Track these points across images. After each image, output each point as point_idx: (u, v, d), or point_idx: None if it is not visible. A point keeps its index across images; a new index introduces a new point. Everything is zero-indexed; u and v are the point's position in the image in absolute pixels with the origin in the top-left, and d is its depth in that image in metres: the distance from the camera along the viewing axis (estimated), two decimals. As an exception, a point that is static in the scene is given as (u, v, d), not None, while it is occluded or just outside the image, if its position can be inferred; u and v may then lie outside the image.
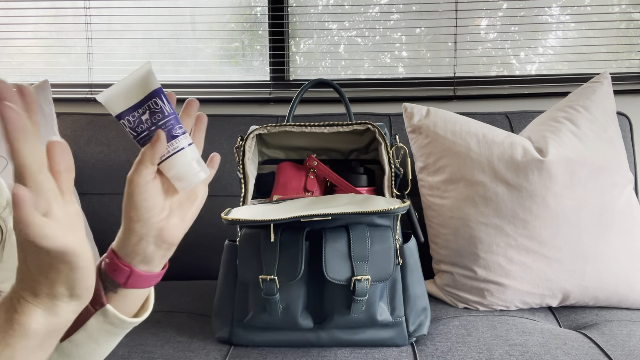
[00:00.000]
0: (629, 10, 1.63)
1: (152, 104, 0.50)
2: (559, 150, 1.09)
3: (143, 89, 0.50)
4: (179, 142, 0.50)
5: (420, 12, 1.67)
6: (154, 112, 0.50)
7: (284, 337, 0.92)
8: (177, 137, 0.50)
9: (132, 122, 0.50)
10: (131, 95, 0.50)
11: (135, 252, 0.53)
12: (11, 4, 1.74)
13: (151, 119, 0.50)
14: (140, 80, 0.50)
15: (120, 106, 0.50)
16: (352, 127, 0.99)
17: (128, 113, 0.50)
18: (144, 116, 0.50)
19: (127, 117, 0.50)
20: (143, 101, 0.50)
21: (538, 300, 1.09)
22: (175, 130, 0.50)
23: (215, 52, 1.75)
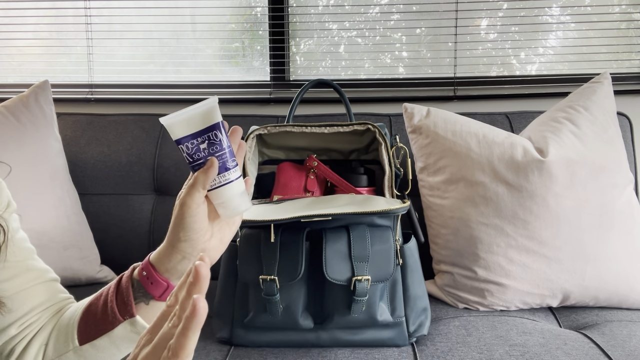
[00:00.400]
0: (629, 10, 1.63)
1: (212, 135, 0.53)
2: (559, 150, 1.09)
3: (206, 119, 0.53)
4: (230, 175, 0.54)
5: (420, 12, 1.67)
6: (213, 143, 0.53)
7: (284, 337, 0.92)
8: (229, 170, 0.54)
9: (190, 148, 0.53)
10: (194, 123, 0.53)
11: (175, 269, 0.57)
12: (11, 4, 1.74)
13: (209, 149, 0.53)
14: (204, 111, 0.53)
15: (182, 132, 0.53)
16: (352, 127, 0.99)
17: (188, 139, 0.53)
18: (202, 145, 0.53)
19: (186, 142, 0.53)
20: (204, 131, 0.53)
21: (538, 300, 1.09)
22: (229, 163, 0.54)
23: (215, 52, 1.75)
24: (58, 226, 1.23)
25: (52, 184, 1.26)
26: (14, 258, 0.63)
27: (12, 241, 0.63)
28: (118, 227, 1.37)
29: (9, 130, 1.25)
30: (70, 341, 0.60)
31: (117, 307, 0.58)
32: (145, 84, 1.73)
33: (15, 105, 1.30)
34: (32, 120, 1.29)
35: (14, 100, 1.31)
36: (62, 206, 1.26)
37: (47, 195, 1.24)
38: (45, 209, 1.23)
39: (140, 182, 1.40)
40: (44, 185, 1.24)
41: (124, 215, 1.38)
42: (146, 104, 1.68)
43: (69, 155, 1.38)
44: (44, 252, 1.19)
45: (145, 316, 0.58)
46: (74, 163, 1.39)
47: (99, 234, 1.35)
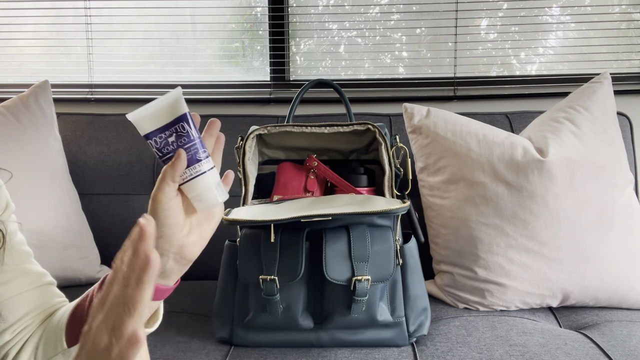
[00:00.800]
0: (629, 10, 1.63)
1: (179, 127, 0.52)
2: (559, 150, 1.09)
3: (172, 111, 0.52)
4: (201, 166, 0.52)
5: (420, 12, 1.67)
6: (180, 135, 0.52)
7: (284, 337, 0.92)
8: (200, 161, 0.52)
9: (158, 142, 0.52)
10: (160, 117, 0.52)
11: None
12: (11, 4, 1.74)
13: (177, 141, 0.52)
14: (169, 103, 0.52)
15: (149, 126, 0.52)
16: (352, 127, 0.99)
17: (155, 134, 0.52)
18: (170, 138, 0.52)
19: (154, 137, 0.52)
20: (171, 124, 0.52)
21: (538, 300, 1.09)
22: (199, 154, 0.52)
23: (215, 52, 1.75)
24: (58, 226, 1.23)
25: (52, 184, 1.26)
26: (11, 261, 0.62)
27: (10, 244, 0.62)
28: (118, 227, 1.37)
29: (9, 130, 1.25)
30: (59, 344, 0.60)
31: None
32: (145, 84, 1.73)
33: (15, 105, 1.30)
34: (32, 120, 1.29)
35: (14, 100, 1.31)
36: (62, 206, 1.26)
37: (47, 195, 1.24)
38: (45, 209, 1.23)
39: (140, 182, 1.40)
40: (44, 185, 1.24)
41: (124, 215, 1.38)
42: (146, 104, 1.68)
43: (69, 155, 1.38)
44: (44, 252, 1.20)
45: None
46: (74, 163, 1.39)
47: (99, 234, 1.35)
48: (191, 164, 0.52)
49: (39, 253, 1.18)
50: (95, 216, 1.37)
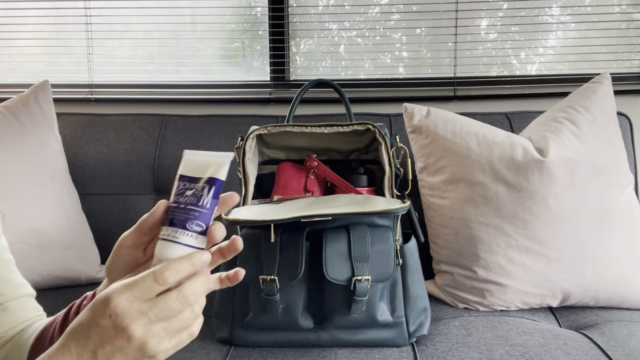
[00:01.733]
0: (629, 10, 1.63)
1: (200, 187, 0.48)
2: (559, 150, 1.09)
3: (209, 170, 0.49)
4: (183, 236, 0.47)
5: (420, 12, 1.67)
6: (195, 195, 0.48)
7: (284, 337, 0.92)
8: (187, 231, 0.47)
9: (179, 188, 0.49)
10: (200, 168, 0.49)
11: None
12: (11, 4, 1.74)
13: (189, 198, 0.48)
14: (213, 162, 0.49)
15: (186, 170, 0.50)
16: (352, 127, 0.99)
17: (184, 179, 0.49)
18: (188, 191, 0.49)
19: (182, 181, 0.49)
20: (198, 179, 0.49)
21: (538, 300, 1.09)
22: (191, 224, 0.47)
23: (215, 52, 1.75)
24: (58, 226, 1.23)
25: (52, 184, 1.26)
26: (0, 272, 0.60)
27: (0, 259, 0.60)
28: (118, 227, 1.37)
29: (9, 130, 1.25)
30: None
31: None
32: (145, 84, 1.73)
33: (15, 105, 1.30)
34: (32, 120, 1.29)
35: (14, 100, 1.31)
36: (62, 206, 1.26)
37: (47, 195, 1.24)
38: (45, 209, 1.23)
39: (140, 182, 1.40)
40: (44, 185, 1.24)
41: (124, 215, 1.38)
42: (146, 104, 1.68)
43: (69, 155, 1.38)
44: (44, 252, 1.20)
45: None
46: (74, 163, 1.39)
47: (99, 234, 1.35)
48: (179, 227, 0.47)
49: (38, 253, 1.19)
50: (95, 216, 1.37)
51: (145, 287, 0.40)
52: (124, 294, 0.40)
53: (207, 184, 0.48)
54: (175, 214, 0.47)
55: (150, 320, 0.40)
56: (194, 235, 0.47)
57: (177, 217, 0.47)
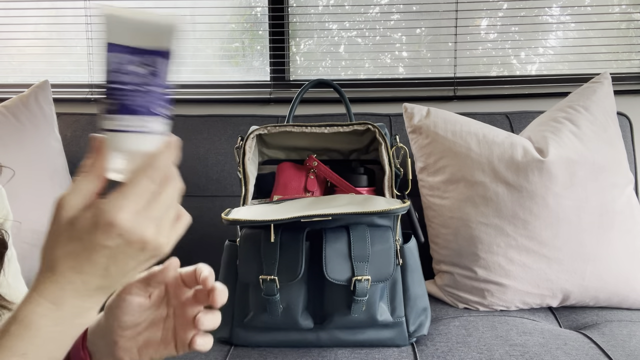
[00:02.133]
0: (629, 10, 1.63)
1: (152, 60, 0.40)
2: (559, 150, 1.09)
3: (157, 37, 0.40)
4: (155, 124, 0.40)
5: (420, 12, 1.67)
6: (153, 74, 0.40)
7: (284, 337, 0.92)
8: (156, 116, 0.40)
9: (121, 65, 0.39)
10: (142, 34, 0.39)
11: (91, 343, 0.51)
12: (11, 4, 1.74)
13: (143, 79, 0.39)
14: (161, 26, 0.40)
15: (121, 37, 0.39)
16: (352, 127, 0.99)
17: (125, 51, 0.39)
18: (139, 69, 0.39)
19: (118, 52, 0.39)
20: (149, 51, 0.40)
21: (538, 300, 1.09)
22: (159, 108, 0.40)
23: (215, 52, 1.75)
24: (58, 226, 1.23)
25: (52, 184, 1.26)
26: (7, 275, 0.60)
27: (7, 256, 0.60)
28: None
29: (9, 130, 1.25)
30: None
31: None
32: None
33: (15, 105, 1.30)
34: (32, 120, 1.29)
35: (14, 100, 1.31)
36: (62, 206, 1.26)
37: (47, 195, 1.24)
38: (45, 209, 1.23)
39: (140, 182, 1.40)
40: (44, 185, 1.24)
41: (124, 215, 1.38)
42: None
43: (69, 155, 1.38)
44: (44, 252, 1.20)
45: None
46: (74, 163, 1.39)
47: (99, 234, 1.35)
48: (138, 113, 0.39)
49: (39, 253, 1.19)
50: (95, 216, 1.37)
51: (144, 193, 0.39)
52: (124, 209, 0.38)
53: (161, 56, 0.40)
54: (135, 99, 0.39)
55: (158, 220, 0.40)
56: (164, 120, 0.41)
57: (141, 103, 0.39)
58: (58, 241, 0.39)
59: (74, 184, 0.40)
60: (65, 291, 0.39)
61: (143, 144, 0.40)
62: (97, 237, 0.38)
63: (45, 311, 0.39)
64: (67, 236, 0.39)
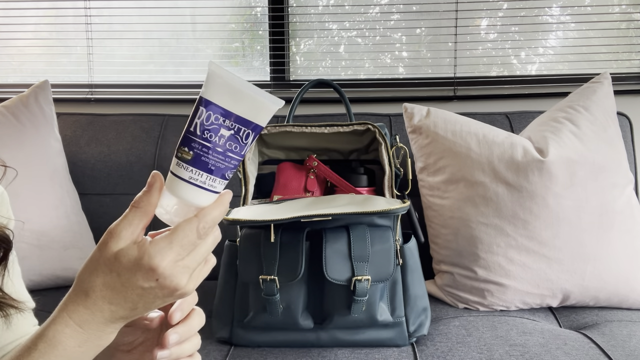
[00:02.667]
0: (629, 10, 1.63)
1: (244, 132, 0.41)
2: (559, 150, 1.09)
3: (255, 111, 0.41)
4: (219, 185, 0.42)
5: (420, 12, 1.67)
6: (237, 140, 0.41)
7: (284, 337, 0.92)
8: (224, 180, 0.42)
9: (210, 122, 0.40)
10: (241, 103, 0.40)
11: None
12: (11, 4, 1.74)
13: (226, 142, 0.40)
14: (262, 102, 0.41)
15: (220, 97, 0.40)
16: (352, 127, 0.99)
17: (217, 110, 0.40)
18: (226, 132, 0.40)
19: (212, 111, 0.40)
20: (242, 120, 0.41)
21: (538, 300, 1.09)
22: (230, 173, 0.42)
23: (215, 52, 1.75)
24: (58, 226, 1.23)
25: (52, 184, 1.26)
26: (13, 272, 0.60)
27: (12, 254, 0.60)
28: (118, 227, 1.37)
29: (9, 130, 1.25)
30: None
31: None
32: (145, 84, 1.73)
33: (15, 105, 1.30)
34: (32, 120, 1.29)
35: (14, 100, 1.31)
36: (62, 206, 1.26)
37: (47, 195, 1.24)
38: (45, 209, 1.23)
39: (140, 182, 1.40)
40: (44, 185, 1.24)
41: (124, 215, 1.38)
42: (146, 104, 1.68)
43: (69, 155, 1.38)
44: (44, 252, 1.20)
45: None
46: (74, 163, 1.39)
47: (99, 234, 1.35)
48: (214, 174, 0.41)
49: (38, 253, 1.19)
50: (95, 216, 1.37)
51: (189, 245, 0.41)
52: (169, 257, 0.40)
53: (253, 130, 0.41)
54: (213, 159, 0.40)
55: (192, 269, 0.42)
56: (226, 182, 0.42)
57: (217, 164, 0.41)
58: (98, 269, 0.42)
59: (126, 216, 0.42)
60: (94, 317, 0.42)
61: (202, 199, 0.42)
62: (136, 277, 0.41)
63: (73, 332, 0.42)
64: (108, 267, 0.41)
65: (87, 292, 0.42)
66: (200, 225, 0.41)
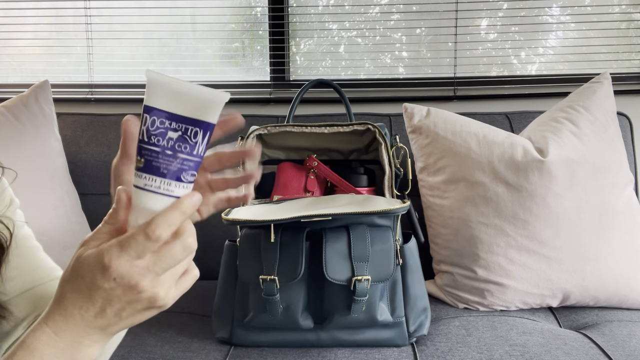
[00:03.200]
0: (629, 10, 1.63)
1: (193, 131, 0.41)
2: (559, 150, 1.09)
3: (200, 109, 0.41)
4: (178, 189, 0.42)
5: (420, 12, 1.67)
6: (186, 141, 0.41)
7: (284, 337, 0.92)
8: (182, 182, 0.42)
9: (155, 127, 0.41)
10: (183, 103, 0.41)
11: None
12: (11, 4, 1.74)
13: (175, 144, 0.41)
14: (205, 99, 0.41)
15: (161, 102, 0.41)
16: (352, 127, 0.99)
17: (161, 115, 0.41)
18: (173, 134, 0.41)
19: (155, 117, 0.41)
20: (189, 120, 0.41)
21: (538, 300, 1.09)
22: (186, 175, 0.42)
23: (215, 52, 1.75)
24: (58, 226, 1.23)
25: (52, 184, 1.26)
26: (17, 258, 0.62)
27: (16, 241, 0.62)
28: (118, 227, 1.37)
29: (9, 130, 1.25)
30: None
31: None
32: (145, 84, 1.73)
33: (15, 105, 1.30)
34: (32, 120, 1.29)
35: (14, 100, 1.31)
36: (62, 206, 1.26)
37: (47, 195, 1.24)
38: (45, 209, 1.23)
39: (140, 182, 1.40)
40: (44, 185, 1.24)
41: (124, 215, 1.38)
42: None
43: (69, 155, 1.38)
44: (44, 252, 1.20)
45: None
46: (74, 163, 1.39)
47: (99, 234, 1.35)
48: (168, 177, 0.41)
49: (39, 253, 1.19)
50: (95, 216, 1.37)
51: (139, 246, 0.40)
52: (121, 257, 0.40)
53: (201, 129, 0.41)
54: (163, 163, 0.41)
55: (157, 274, 0.41)
56: (188, 186, 0.42)
57: (168, 167, 0.41)
58: (69, 276, 0.43)
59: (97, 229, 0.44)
60: (68, 324, 0.42)
61: (158, 204, 0.42)
62: (95, 276, 0.41)
63: (48, 340, 0.42)
64: (75, 271, 0.42)
65: (60, 299, 0.43)
66: (150, 227, 0.40)
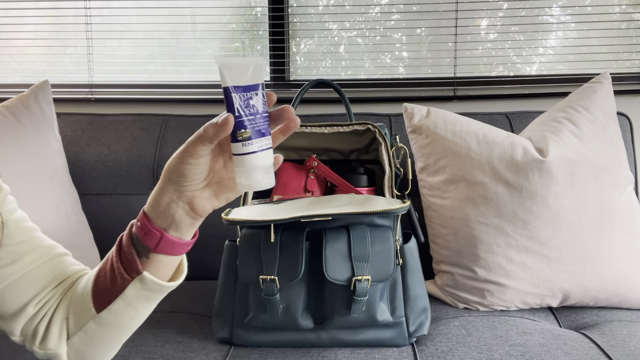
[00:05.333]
0: (629, 10, 1.63)
1: (260, 94, 0.50)
2: (559, 150, 1.09)
3: (257, 75, 0.50)
4: (269, 141, 0.51)
5: (420, 12, 1.67)
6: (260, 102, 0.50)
7: (284, 337, 0.92)
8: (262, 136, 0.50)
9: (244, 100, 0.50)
10: (246, 74, 0.50)
11: (164, 215, 0.54)
12: (11, 4, 1.74)
13: (259, 108, 0.50)
14: (256, 66, 0.50)
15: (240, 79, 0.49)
16: (352, 127, 0.99)
17: (239, 90, 0.49)
18: (253, 101, 0.50)
19: (241, 93, 0.50)
20: (255, 87, 0.50)
21: (538, 300, 1.09)
22: (261, 129, 0.50)
23: (215, 52, 1.75)
24: (58, 226, 1.23)
25: (52, 184, 1.26)
26: (12, 241, 0.62)
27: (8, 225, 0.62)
28: (118, 227, 1.37)
29: (9, 130, 1.25)
30: (88, 311, 0.59)
31: (123, 268, 0.56)
32: (145, 84, 1.73)
33: (15, 105, 1.30)
34: (32, 120, 1.29)
35: (14, 100, 1.31)
36: (62, 206, 1.26)
37: (47, 195, 1.24)
38: (45, 209, 1.23)
39: (140, 182, 1.40)
40: (44, 185, 1.24)
41: (124, 215, 1.38)
42: (146, 104, 1.68)
43: (69, 155, 1.38)
44: (44, 252, 1.20)
45: (151, 271, 0.56)
46: (74, 163, 1.39)
47: (99, 234, 1.35)
48: (267, 134, 0.51)
49: (39, 253, 1.19)
50: (95, 216, 1.37)
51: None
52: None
53: (261, 89, 0.50)
54: (262, 125, 0.50)
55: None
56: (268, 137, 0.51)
57: (265, 126, 0.50)
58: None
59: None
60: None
61: (272, 156, 0.51)
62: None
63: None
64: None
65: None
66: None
